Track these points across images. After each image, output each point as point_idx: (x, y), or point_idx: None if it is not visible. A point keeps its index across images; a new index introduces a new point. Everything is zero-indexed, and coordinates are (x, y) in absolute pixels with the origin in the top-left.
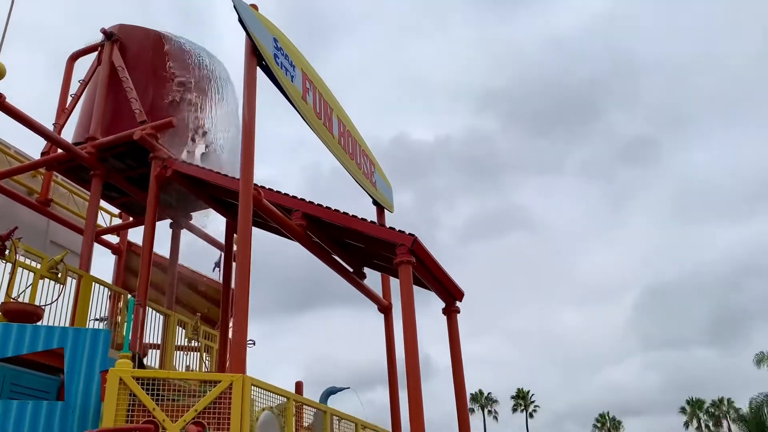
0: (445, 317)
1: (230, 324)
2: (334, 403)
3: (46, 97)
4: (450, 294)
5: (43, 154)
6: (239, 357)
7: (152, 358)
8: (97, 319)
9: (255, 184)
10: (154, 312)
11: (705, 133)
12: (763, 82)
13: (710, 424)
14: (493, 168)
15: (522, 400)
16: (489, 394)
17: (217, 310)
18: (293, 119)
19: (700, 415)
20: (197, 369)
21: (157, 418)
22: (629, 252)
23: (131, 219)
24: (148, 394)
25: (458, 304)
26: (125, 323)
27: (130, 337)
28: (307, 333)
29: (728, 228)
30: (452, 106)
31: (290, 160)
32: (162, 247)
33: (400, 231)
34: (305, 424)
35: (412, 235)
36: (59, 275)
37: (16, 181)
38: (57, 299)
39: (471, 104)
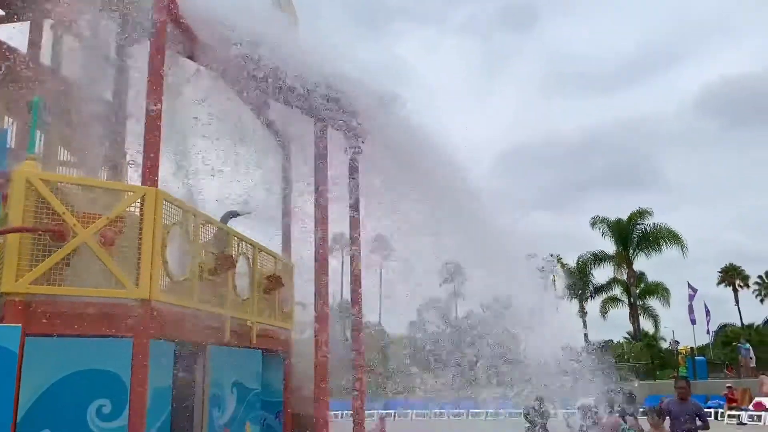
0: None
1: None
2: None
3: None
4: (356, 135)
5: None
6: (152, 171)
7: None
8: None
9: None
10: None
11: (583, 6)
12: None
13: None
14: (379, 13)
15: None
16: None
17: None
18: None
19: None
20: None
21: (68, 223)
22: (494, 116)
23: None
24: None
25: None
26: (31, 125)
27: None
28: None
29: (585, 102)
30: None
31: None
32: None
33: None
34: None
35: None
36: None
37: None
38: None
39: None
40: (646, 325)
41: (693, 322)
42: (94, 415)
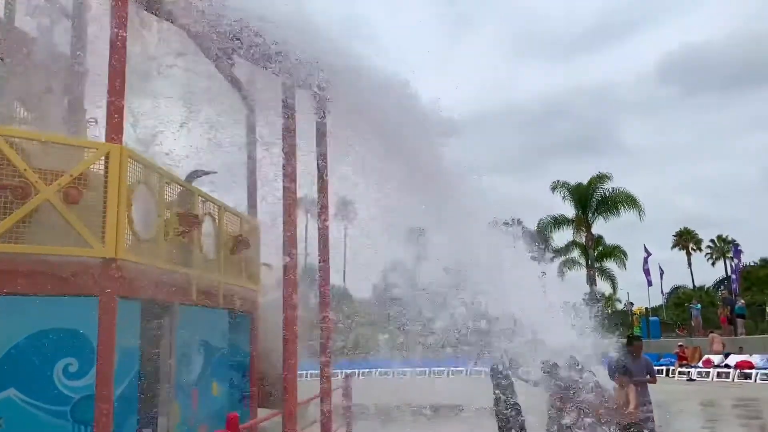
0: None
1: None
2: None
3: None
4: (324, 97)
5: None
6: (116, 128)
7: None
8: None
9: None
10: None
11: None
12: None
13: None
14: None
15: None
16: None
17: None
18: None
19: None
20: None
21: (29, 180)
22: (460, 80)
23: None
24: None
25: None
26: None
27: None
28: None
29: (548, 68)
30: None
31: None
32: None
33: None
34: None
35: None
36: None
37: None
38: None
39: None
40: (603, 286)
41: (650, 283)
42: (60, 373)
